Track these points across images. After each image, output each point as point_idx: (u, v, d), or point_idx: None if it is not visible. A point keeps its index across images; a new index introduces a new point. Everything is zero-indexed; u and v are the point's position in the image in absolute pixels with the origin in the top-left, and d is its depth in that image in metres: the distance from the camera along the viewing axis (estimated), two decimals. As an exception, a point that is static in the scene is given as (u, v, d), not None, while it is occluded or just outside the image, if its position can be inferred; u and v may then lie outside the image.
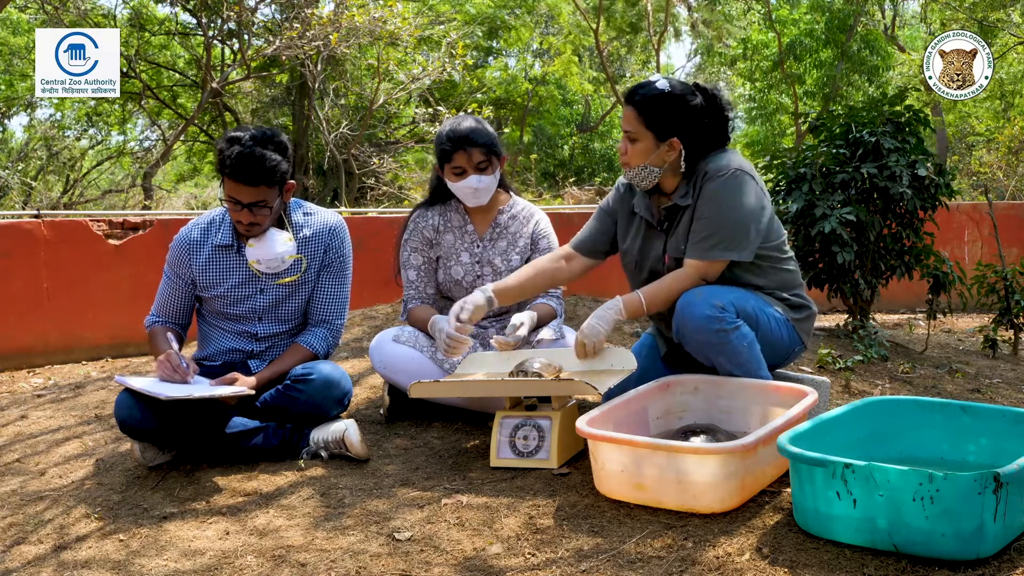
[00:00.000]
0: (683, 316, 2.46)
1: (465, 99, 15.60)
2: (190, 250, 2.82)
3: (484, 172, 2.90)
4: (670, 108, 2.52)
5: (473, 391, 2.71)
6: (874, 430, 2.25)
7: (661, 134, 2.53)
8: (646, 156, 2.56)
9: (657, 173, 2.58)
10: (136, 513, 2.39)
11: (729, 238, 2.49)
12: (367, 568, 1.96)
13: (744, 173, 2.52)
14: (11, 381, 5.43)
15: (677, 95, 2.54)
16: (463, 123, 2.92)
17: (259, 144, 2.64)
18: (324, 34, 11.03)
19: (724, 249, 2.50)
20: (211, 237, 2.82)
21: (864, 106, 4.80)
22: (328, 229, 2.86)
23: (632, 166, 2.58)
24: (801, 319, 2.64)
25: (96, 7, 14.53)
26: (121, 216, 6.85)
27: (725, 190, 2.49)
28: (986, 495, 1.70)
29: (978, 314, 6.67)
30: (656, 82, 2.56)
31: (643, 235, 2.69)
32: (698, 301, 2.43)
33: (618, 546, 1.97)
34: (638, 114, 2.54)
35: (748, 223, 2.50)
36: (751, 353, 2.47)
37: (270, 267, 2.77)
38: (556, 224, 3.18)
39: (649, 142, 2.54)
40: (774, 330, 2.55)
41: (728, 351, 2.45)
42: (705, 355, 2.51)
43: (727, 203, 2.49)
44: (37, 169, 18.04)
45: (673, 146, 2.54)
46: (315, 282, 2.85)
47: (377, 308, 4.83)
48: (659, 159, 2.56)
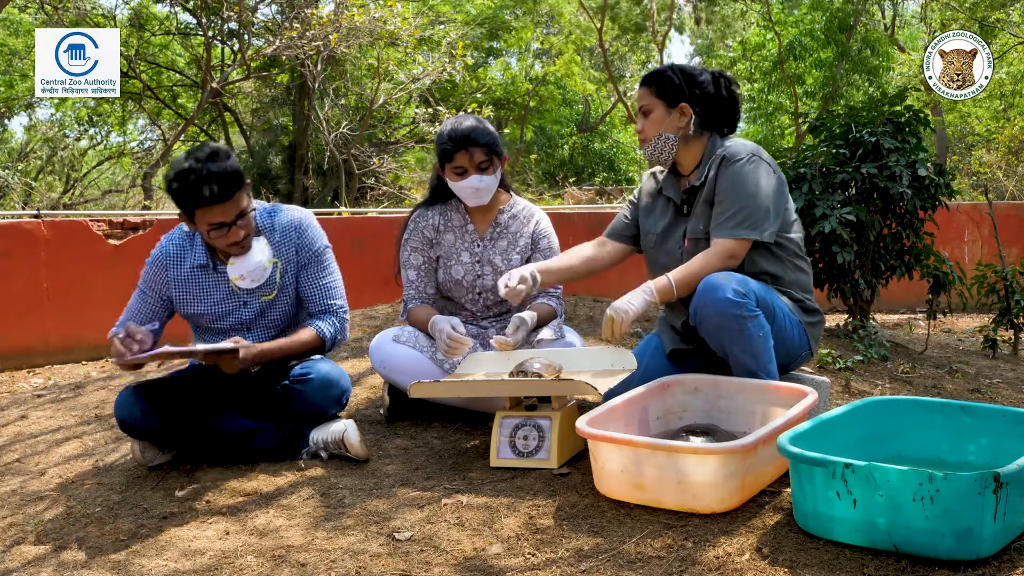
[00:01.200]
0: (704, 298, 2.46)
1: (465, 99, 15.60)
2: (167, 266, 2.73)
3: (485, 172, 2.90)
4: (677, 78, 2.70)
5: (473, 391, 2.70)
6: (874, 430, 2.25)
7: (671, 100, 2.69)
8: (660, 124, 2.69)
9: (673, 140, 2.69)
10: (136, 513, 2.39)
11: (752, 217, 2.56)
12: (367, 568, 1.96)
13: (761, 159, 2.64)
14: (11, 381, 5.44)
15: (684, 68, 2.75)
16: (464, 123, 2.92)
17: (208, 160, 2.52)
18: (324, 34, 11.03)
19: (749, 228, 2.56)
20: (188, 255, 2.73)
21: (864, 106, 4.79)
22: (293, 227, 2.77)
23: (649, 138, 2.72)
24: (812, 323, 2.68)
25: (96, 7, 14.53)
26: (121, 216, 6.85)
27: (744, 173, 2.59)
28: (986, 495, 1.69)
29: (978, 314, 6.67)
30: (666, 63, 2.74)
31: (669, 217, 2.77)
32: (722, 284, 2.43)
33: (618, 546, 1.97)
34: (649, 88, 2.72)
35: (768, 204, 2.59)
36: (765, 344, 2.48)
37: (254, 279, 2.69)
38: (556, 224, 3.18)
39: (661, 110, 2.70)
40: (786, 328, 2.57)
41: (744, 338, 2.45)
42: (720, 341, 2.50)
43: (748, 184, 2.58)
44: (37, 169, 18.05)
45: (684, 111, 2.68)
46: (297, 282, 2.78)
47: (377, 308, 4.83)
48: (672, 125, 2.69)
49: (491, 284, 3.00)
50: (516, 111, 19.28)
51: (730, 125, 2.76)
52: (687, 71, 2.73)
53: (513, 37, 18.67)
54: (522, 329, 2.77)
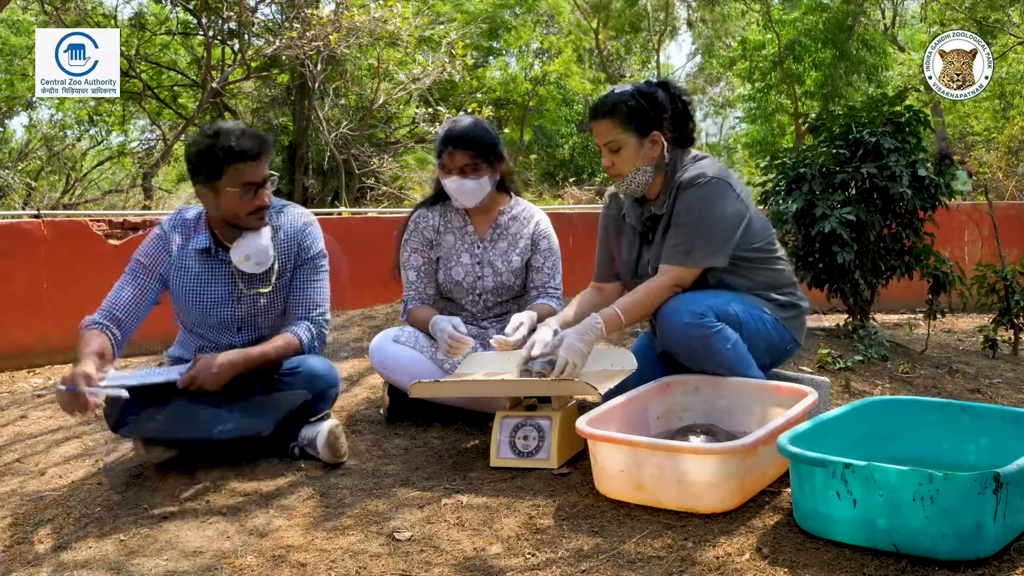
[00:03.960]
0: (664, 325, 2.50)
1: (465, 99, 15.61)
2: (169, 243, 2.75)
3: (467, 175, 2.90)
4: (641, 104, 2.57)
5: (473, 391, 2.70)
6: (874, 430, 2.25)
7: (642, 130, 2.58)
8: (635, 159, 2.59)
9: (650, 172, 2.61)
10: (136, 513, 2.39)
11: (705, 245, 2.52)
12: (367, 568, 1.96)
13: (721, 180, 2.55)
14: (11, 381, 5.43)
15: (643, 92, 2.60)
16: (459, 124, 2.94)
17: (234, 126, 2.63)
18: (324, 34, 11.03)
19: (699, 256, 2.52)
20: (192, 239, 2.75)
21: (864, 106, 4.79)
22: (300, 226, 2.80)
23: (624, 174, 2.62)
24: (790, 317, 2.65)
25: (97, 6, 14.53)
26: (121, 216, 6.85)
27: (701, 199, 2.52)
28: (986, 495, 1.70)
29: (978, 314, 6.66)
30: (615, 90, 2.62)
31: (634, 244, 2.74)
32: (677, 309, 2.45)
33: (618, 546, 1.97)
34: (613, 121, 2.58)
35: (724, 231, 2.53)
36: (736, 354, 2.49)
37: (259, 261, 2.68)
38: (556, 224, 3.18)
39: (632, 143, 2.59)
40: (761, 330, 2.57)
41: (713, 354, 2.47)
42: (692, 361, 2.54)
43: (704, 211, 2.52)
44: (38, 169, 18.04)
45: (655, 140, 2.58)
46: (290, 282, 2.79)
47: (377, 308, 4.83)
48: (647, 157, 2.59)
49: (491, 285, 3.01)
50: (516, 111, 19.28)
51: (689, 138, 2.67)
52: (646, 94, 2.59)
53: (513, 36, 18.68)
54: (522, 329, 2.77)
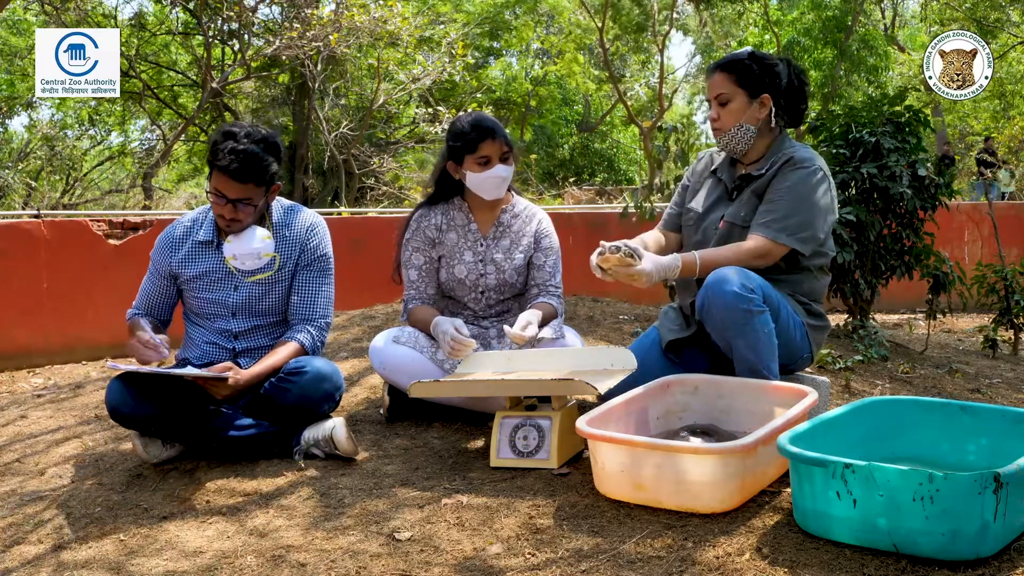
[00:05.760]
0: (712, 291, 2.45)
1: (465, 99, 15.61)
2: (172, 246, 2.86)
3: (507, 163, 2.92)
4: (758, 67, 2.67)
5: (473, 391, 2.70)
6: (874, 430, 2.25)
7: (753, 91, 2.67)
8: (740, 115, 2.67)
9: (752, 132, 2.68)
10: (136, 513, 2.39)
11: (800, 227, 2.56)
12: (367, 568, 1.96)
13: (826, 175, 2.64)
14: (11, 381, 5.44)
15: (761, 56, 2.72)
16: (479, 116, 2.96)
17: (254, 143, 2.67)
18: (324, 34, 11.04)
19: (791, 235, 2.56)
20: (193, 234, 2.85)
21: (864, 106, 4.79)
22: (306, 228, 2.86)
23: (727, 128, 2.69)
24: (816, 327, 2.68)
25: (97, 6, 14.53)
26: (121, 216, 6.86)
27: (808, 183, 2.60)
28: (986, 495, 1.69)
29: (978, 314, 6.66)
30: (742, 51, 2.73)
31: (715, 198, 2.77)
32: (731, 278, 2.42)
33: (618, 546, 1.97)
34: (729, 75, 2.68)
35: (820, 222, 2.59)
36: (769, 341, 2.47)
37: (245, 263, 2.77)
38: (556, 224, 3.19)
39: (742, 100, 2.67)
40: (789, 328, 2.58)
41: (749, 333, 2.44)
42: (724, 334, 2.50)
43: (809, 196, 2.59)
44: (38, 169, 18.05)
45: (764, 103, 2.67)
46: (292, 281, 2.84)
47: (377, 308, 4.83)
48: (752, 116, 2.67)
49: (493, 283, 3.01)
50: (516, 111, 19.29)
51: (799, 117, 2.76)
52: (765, 60, 2.69)
53: (514, 37, 18.68)
54: (531, 328, 2.77)
